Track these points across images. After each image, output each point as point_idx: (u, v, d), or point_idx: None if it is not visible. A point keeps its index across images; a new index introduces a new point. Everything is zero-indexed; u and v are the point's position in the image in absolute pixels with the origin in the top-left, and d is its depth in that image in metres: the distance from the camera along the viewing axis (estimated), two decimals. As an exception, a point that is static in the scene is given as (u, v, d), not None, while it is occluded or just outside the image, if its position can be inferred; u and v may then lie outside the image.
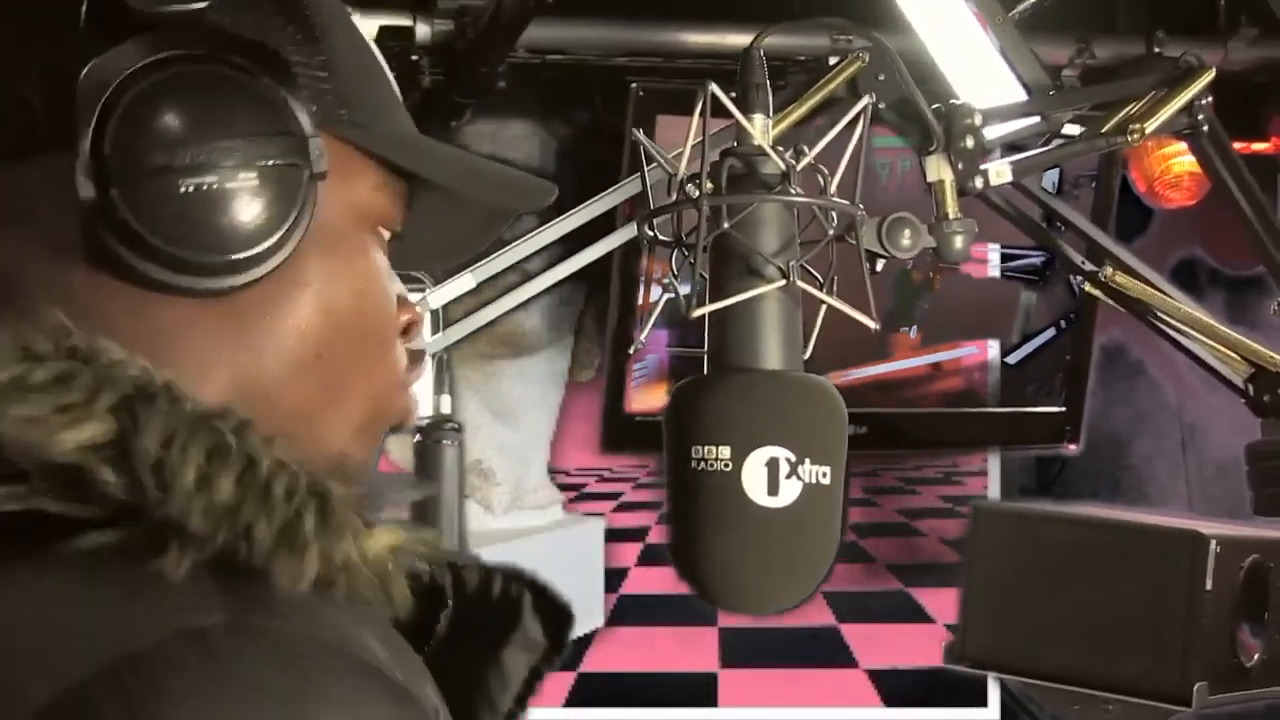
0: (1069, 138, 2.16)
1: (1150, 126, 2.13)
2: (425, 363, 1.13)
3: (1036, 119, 2.14)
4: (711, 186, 1.16)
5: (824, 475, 1.12)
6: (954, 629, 2.32)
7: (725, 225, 1.14)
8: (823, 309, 1.19)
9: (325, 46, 1.05)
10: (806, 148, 1.18)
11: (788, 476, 1.11)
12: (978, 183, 1.92)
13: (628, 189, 2.79)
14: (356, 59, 1.09)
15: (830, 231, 1.19)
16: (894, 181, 4.25)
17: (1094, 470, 4.98)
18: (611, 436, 4.47)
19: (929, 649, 4.78)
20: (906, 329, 4.60)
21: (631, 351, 4.26)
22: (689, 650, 4.77)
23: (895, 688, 4.88)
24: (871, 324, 1.18)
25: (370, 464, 1.10)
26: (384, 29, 3.59)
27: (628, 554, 4.78)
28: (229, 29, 1.00)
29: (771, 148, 1.17)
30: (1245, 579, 2.20)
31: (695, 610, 4.62)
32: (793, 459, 1.11)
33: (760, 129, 1.18)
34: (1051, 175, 4.25)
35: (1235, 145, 2.38)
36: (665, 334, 3.80)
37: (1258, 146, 4.02)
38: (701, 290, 1.18)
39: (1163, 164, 4.08)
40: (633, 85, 3.94)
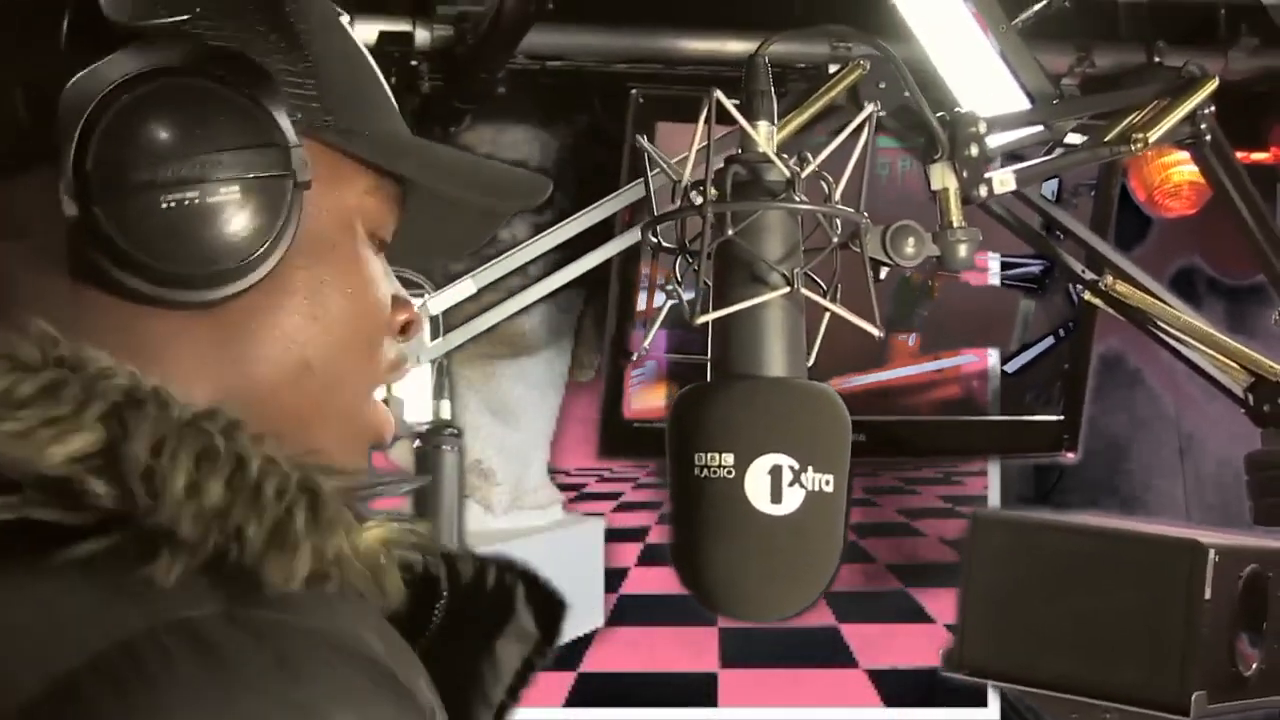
0: (1072, 146, 2.16)
1: (1154, 136, 2.13)
2: (404, 367, 1.12)
3: (1040, 128, 2.15)
4: (716, 193, 1.16)
5: (827, 483, 1.12)
6: (953, 628, 2.32)
7: (729, 232, 1.14)
8: (826, 316, 1.19)
9: (311, 53, 1.05)
10: (810, 155, 1.18)
11: (791, 484, 1.11)
12: (982, 191, 1.92)
13: (629, 195, 2.79)
14: (344, 64, 1.09)
15: (834, 239, 1.19)
16: (894, 183, 4.25)
17: (1092, 479, 4.98)
18: (609, 442, 4.47)
19: (929, 649, 4.78)
20: (905, 336, 4.60)
21: (635, 357, 4.26)
22: (689, 650, 4.77)
23: (895, 688, 4.87)
24: (875, 331, 1.18)
25: (361, 469, 1.09)
26: (384, 34, 3.59)
27: (628, 554, 4.77)
28: (210, 40, 1.00)
29: (776, 155, 1.17)
30: (1244, 589, 2.20)
31: (695, 610, 4.59)
32: (796, 467, 1.11)
33: (765, 136, 1.18)
34: (1051, 184, 4.25)
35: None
36: (664, 338, 3.80)
37: (1257, 156, 4.02)
38: (705, 297, 1.17)
39: (1162, 173, 4.08)
40: (633, 92, 3.94)
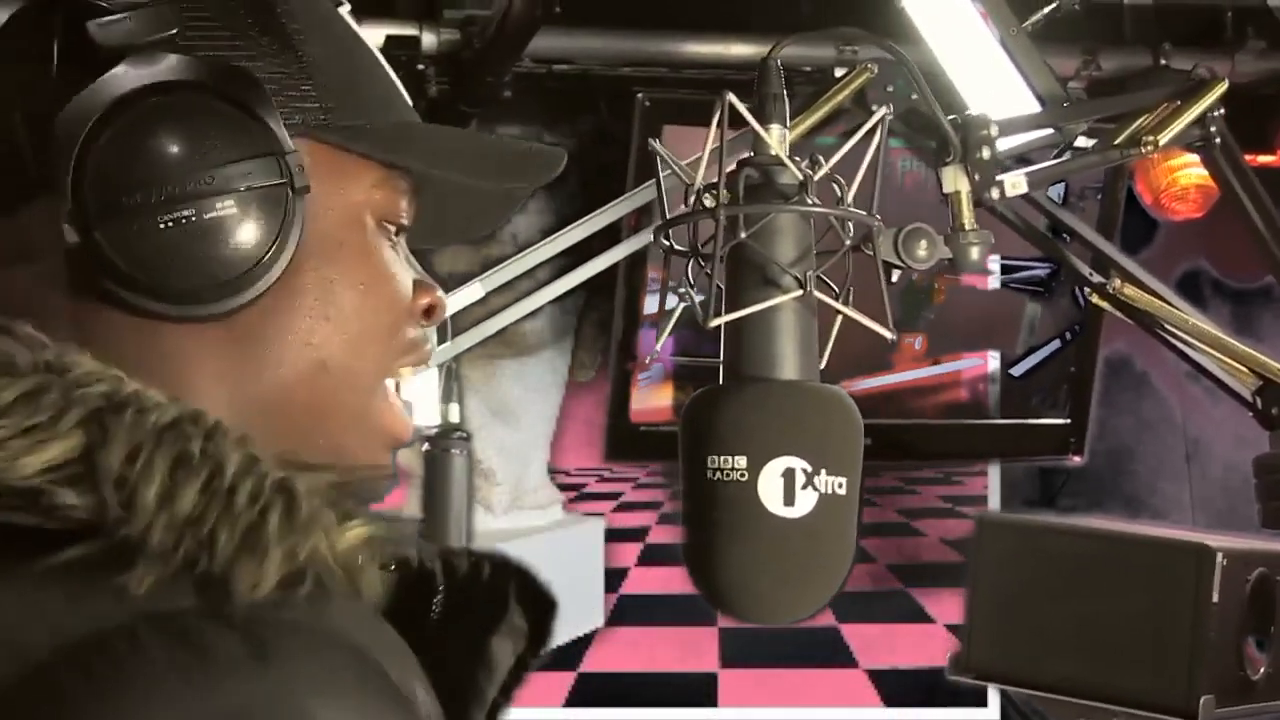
0: (1082, 149, 2.16)
1: (1164, 138, 2.13)
2: (425, 353, 1.11)
3: (1050, 130, 2.15)
4: (729, 196, 1.16)
5: (840, 486, 1.12)
6: (953, 629, 2.32)
7: (742, 235, 1.14)
8: (838, 319, 1.19)
9: (305, 52, 1.05)
10: (823, 158, 1.18)
11: (804, 487, 1.11)
12: (994, 194, 1.93)
13: (638, 198, 2.79)
14: (342, 58, 1.08)
15: (847, 242, 1.19)
16: (893, 182, 4.25)
17: (1098, 482, 4.98)
18: (615, 445, 4.48)
19: (929, 649, 4.79)
20: (911, 339, 4.61)
21: (648, 361, 4.27)
22: (689, 650, 4.77)
23: (895, 688, 4.88)
24: (888, 334, 1.18)
25: (385, 466, 1.09)
26: (390, 38, 3.59)
27: (628, 554, 4.78)
28: (199, 52, 1.00)
29: (789, 158, 1.17)
30: (1252, 592, 2.20)
31: (695, 610, 4.62)
32: (809, 469, 1.11)
33: (777, 139, 1.18)
34: (1057, 186, 4.25)
35: (1239, 158, 2.38)
36: (670, 341, 3.80)
37: (1264, 159, 4.02)
38: (717, 300, 1.17)
39: (1169, 176, 4.08)
40: (639, 95, 3.94)
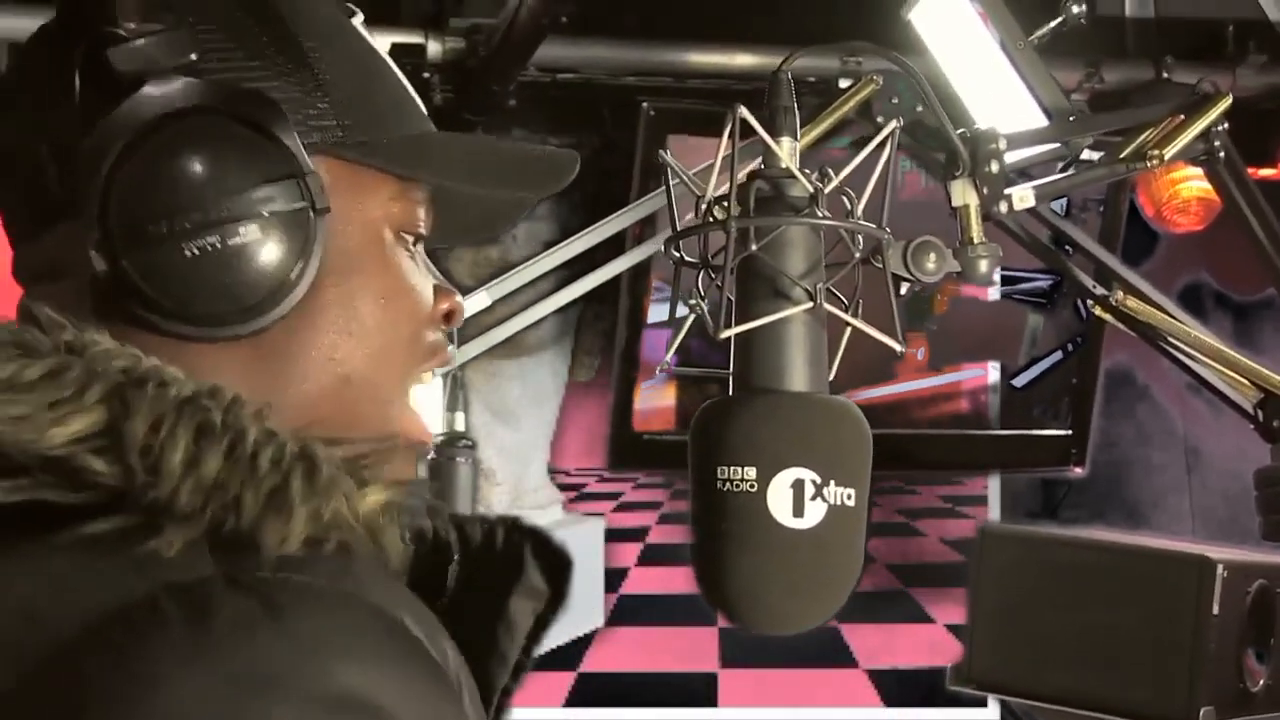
0: (1088, 162, 2.17)
1: (1169, 152, 2.14)
2: (445, 356, 1.13)
3: (1057, 144, 2.16)
4: (739, 208, 1.17)
5: (848, 497, 1.12)
6: (953, 629, 2.32)
7: (753, 247, 1.15)
8: (847, 331, 1.19)
9: (320, 69, 1.06)
10: (832, 171, 1.19)
11: (813, 498, 1.11)
12: (1002, 207, 1.93)
13: (644, 208, 2.80)
14: (356, 72, 1.09)
15: (857, 254, 1.19)
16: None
17: (1099, 493, 4.99)
18: (619, 453, 4.49)
19: (929, 649, 4.79)
20: (913, 350, 4.61)
21: (658, 371, 4.27)
22: (689, 650, 4.77)
23: (895, 688, 4.88)
24: (897, 346, 1.18)
25: (413, 468, 1.11)
26: (396, 46, 3.60)
27: (628, 554, 4.78)
28: (217, 77, 1.01)
29: (799, 170, 1.18)
30: (1252, 604, 2.20)
31: (695, 610, 4.61)
32: (818, 481, 1.11)
33: (788, 152, 1.18)
34: (1059, 199, 4.26)
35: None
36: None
37: (1265, 173, 4.02)
38: (727, 311, 1.18)
39: (1171, 189, 4.09)
40: (644, 105, 3.95)
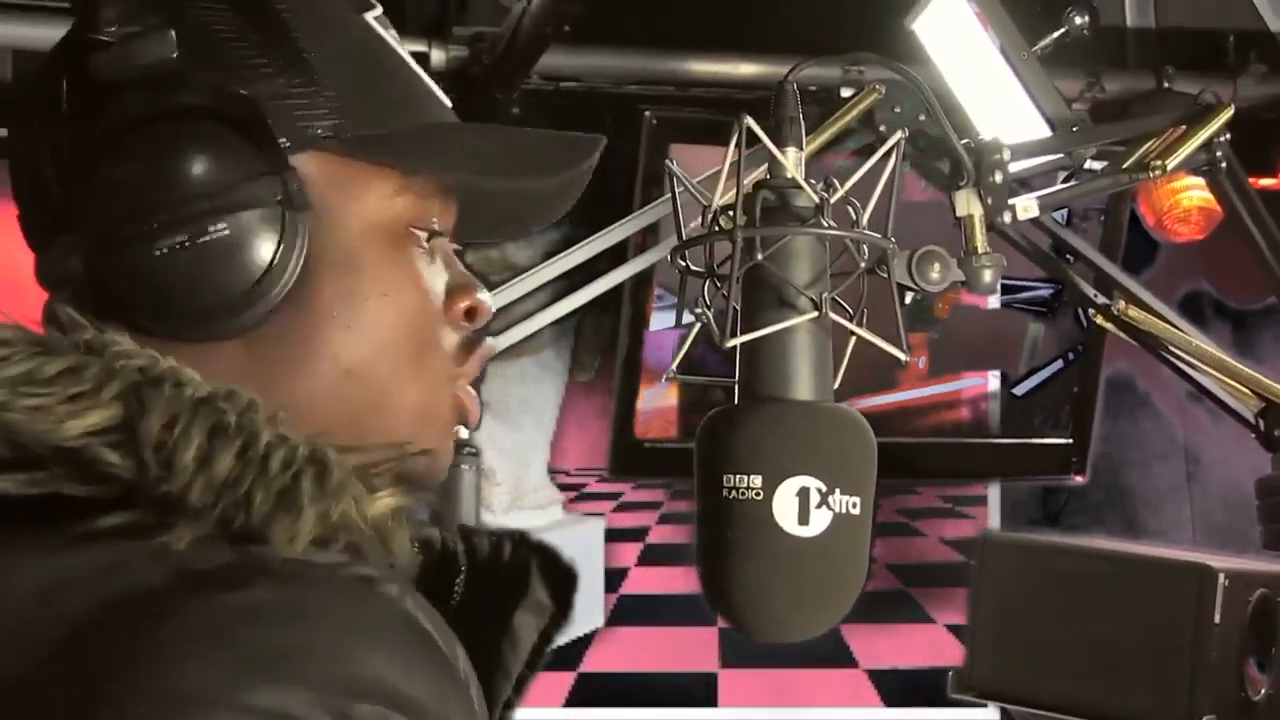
0: (1090, 172, 2.18)
1: (1171, 163, 2.15)
2: (485, 350, 1.13)
3: (1060, 154, 2.16)
4: (745, 218, 1.17)
5: (854, 505, 1.12)
6: (953, 629, 2.32)
7: (759, 257, 1.15)
8: (852, 340, 1.20)
9: (313, 62, 1.05)
10: (838, 181, 1.19)
11: (818, 506, 1.11)
12: (1006, 218, 1.94)
13: (646, 217, 2.80)
14: (354, 63, 1.08)
15: (862, 264, 1.20)
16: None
17: (1099, 502, 4.99)
18: (621, 461, 4.49)
19: (929, 649, 4.79)
20: (913, 358, 4.62)
21: (665, 380, 4.27)
22: (689, 650, 4.77)
23: (895, 688, 4.88)
24: (902, 356, 1.19)
25: (443, 460, 1.12)
26: (399, 54, 3.60)
27: (628, 554, 4.78)
28: (200, 74, 1.01)
29: (805, 180, 1.18)
30: (1253, 613, 2.20)
31: (695, 610, 4.62)
32: (823, 489, 1.11)
33: (793, 162, 1.19)
34: (1060, 208, 4.26)
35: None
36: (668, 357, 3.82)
37: (1265, 182, 4.03)
38: (733, 320, 1.18)
39: (1172, 198, 4.10)
40: (646, 114, 3.96)
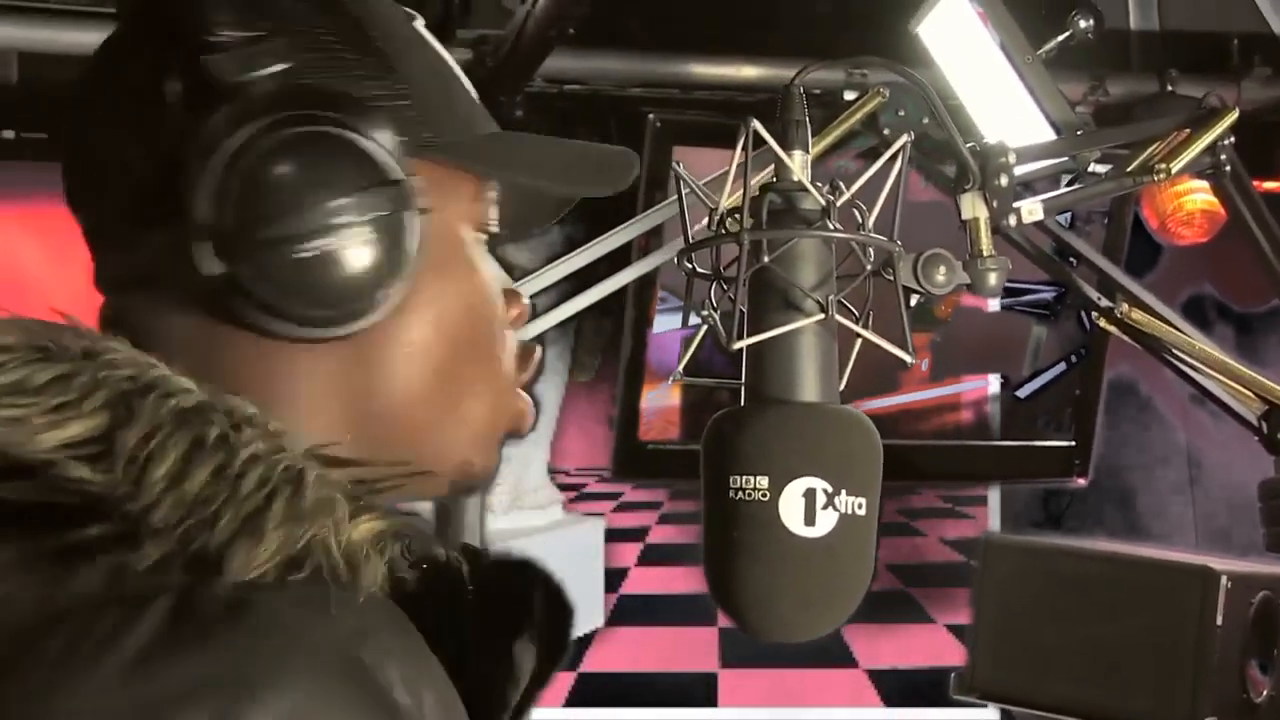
0: (1095, 176, 2.18)
1: (1176, 166, 2.15)
2: (537, 356, 1.15)
3: (1065, 158, 2.17)
4: (752, 221, 1.18)
5: (859, 506, 1.13)
6: (952, 629, 2.33)
7: (766, 259, 1.16)
8: (858, 342, 1.20)
9: (401, 73, 1.07)
10: (844, 184, 1.20)
11: (824, 507, 1.12)
12: (1011, 221, 1.95)
13: (650, 219, 2.80)
14: (432, 75, 1.11)
15: (868, 267, 1.20)
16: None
17: (1102, 504, 5.00)
18: (624, 463, 4.50)
19: (929, 649, 4.80)
20: (918, 361, 4.63)
21: (671, 381, 4.28)
22: (689, 650, 4.77)
23: (895, 688, 4.89)
24: (908, 358, 1.19)
25: (493, 470, 1.13)
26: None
27: (628, 554, 4.79)
28: (311, 84, 1.02)
29: (810, 183, 1.19)
30: (1255, 615, 2.21)
31: (695, 610, 4.63)
32: (829, 490, 1.12)
33: (800, 165, 1.19)
34: (1063, 211, 4.27)
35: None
36: (677, 359, 3.82)
37: (1269, 185, 4.04)
38: (739, 323, 1.19)
39: (1175, 201, 4.10)
40: (650, 116, 3.96)
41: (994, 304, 4.67)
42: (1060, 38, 2.35)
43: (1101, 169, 2.21)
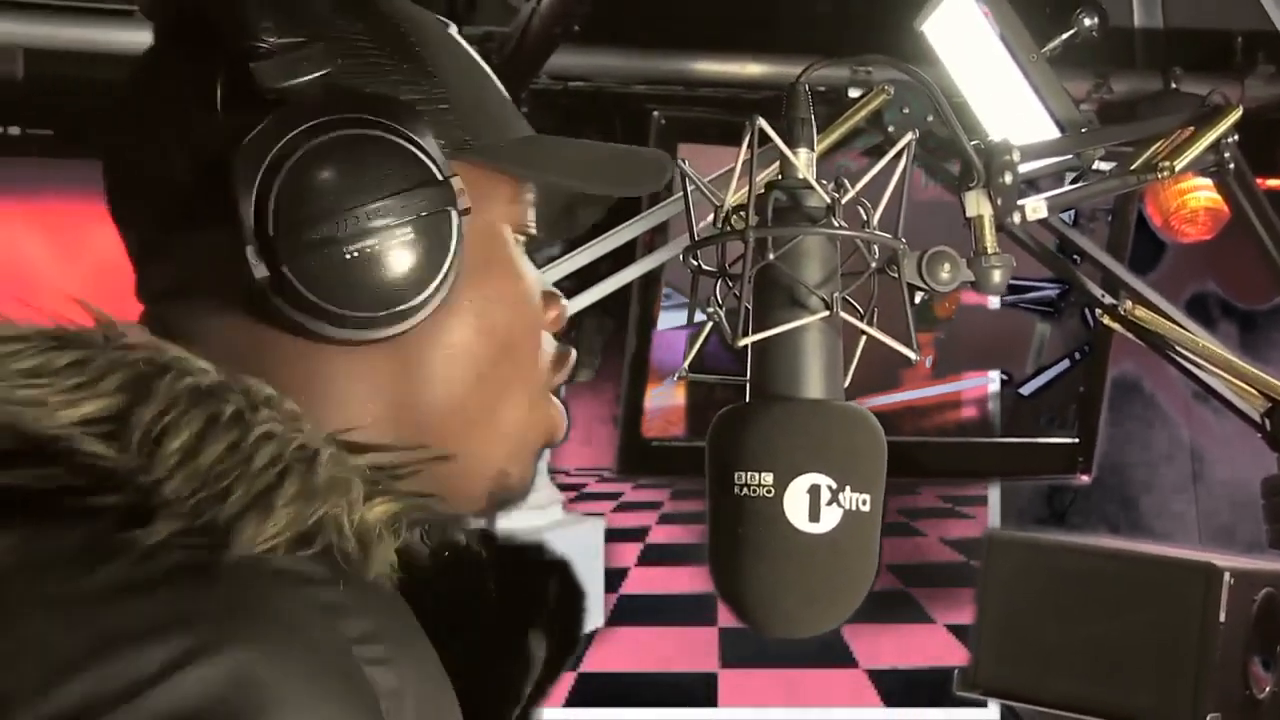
0: (1099, 173, 2.18)
1: (1179, 164, 2.15)
2: (572, 359, 1.16)
3: (1069, 156, 2.17)
4: (757, 218, 1.18)
5: (864, 503, 1.13)
6: (952, 629, 2.33)
7: (771, 256, 1.16)
8: (862, 339, 1.20)
9: (439, 77, 1.09)
10: (849, 182, 1.20)
11: (829, 503, 1.12)
12: (1016, 218, 1.95)
13: (655, 217, 2.81)
14: (468, 78, 1.12)
15: (873, 264, 1.21)
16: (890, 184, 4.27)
17: (1105, 501, 5.00)
18: (629, 460, 4.50)
19: (929, 649, 4.80)
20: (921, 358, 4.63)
21: (676, 378, 4.28)
22: (689, 650, 4.78)
23: (895, 688, 4.89)
24: (912, 355, 1.19)
25: (529, 482, 1.13)
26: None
27: (628, 554, 4.79)
28: (354, 88, 1.04)
29: (815, 181, 1.19)
30: (1258, 612, 2.21)
31: (695, 610, 4.63)
32: (834, 486, 1.12)
33: (805, 163, 1.20)
34: (1067, 208, 4.26)
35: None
36: (681, 356, 3.82)
37: (1272, 183, 4.03)
38: (744, 320, 1.19)
39: (1179, 199, 4.09)
40: (654, 113, 3.96)
41: (997, 301, 4.67)
42: (1065, 35, 2.35)
43: (1106, 167, 2.21)
